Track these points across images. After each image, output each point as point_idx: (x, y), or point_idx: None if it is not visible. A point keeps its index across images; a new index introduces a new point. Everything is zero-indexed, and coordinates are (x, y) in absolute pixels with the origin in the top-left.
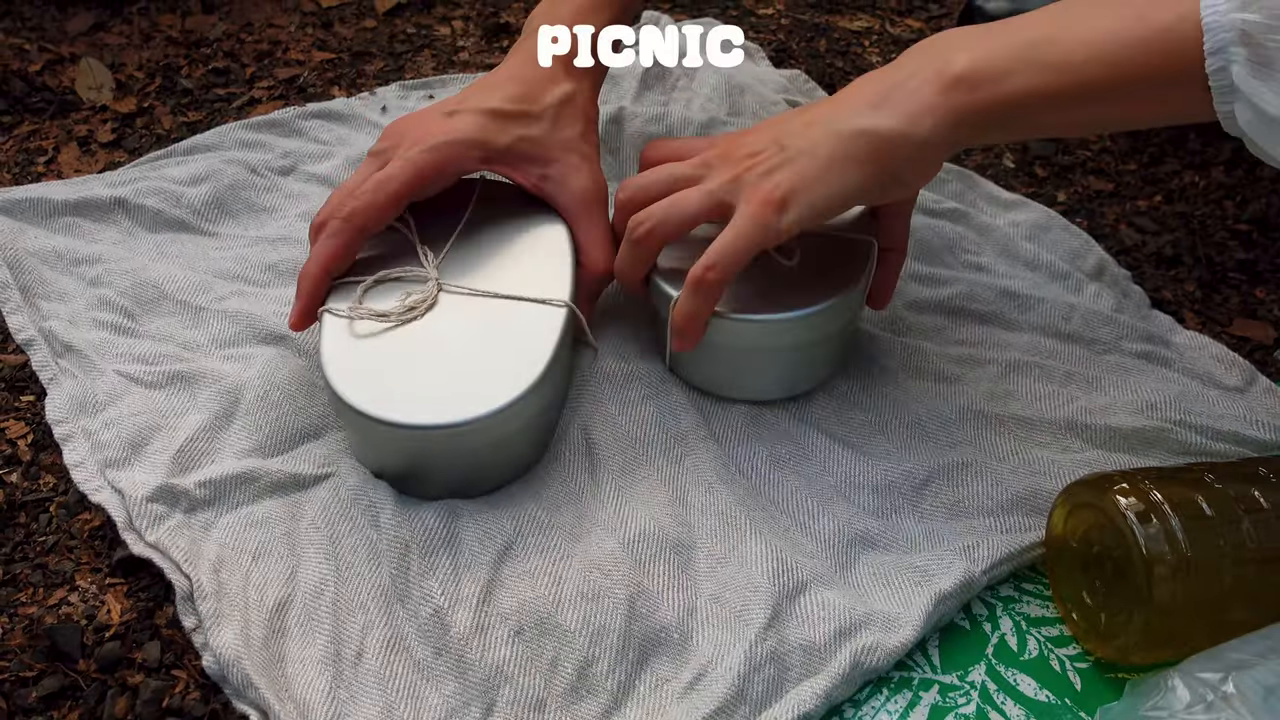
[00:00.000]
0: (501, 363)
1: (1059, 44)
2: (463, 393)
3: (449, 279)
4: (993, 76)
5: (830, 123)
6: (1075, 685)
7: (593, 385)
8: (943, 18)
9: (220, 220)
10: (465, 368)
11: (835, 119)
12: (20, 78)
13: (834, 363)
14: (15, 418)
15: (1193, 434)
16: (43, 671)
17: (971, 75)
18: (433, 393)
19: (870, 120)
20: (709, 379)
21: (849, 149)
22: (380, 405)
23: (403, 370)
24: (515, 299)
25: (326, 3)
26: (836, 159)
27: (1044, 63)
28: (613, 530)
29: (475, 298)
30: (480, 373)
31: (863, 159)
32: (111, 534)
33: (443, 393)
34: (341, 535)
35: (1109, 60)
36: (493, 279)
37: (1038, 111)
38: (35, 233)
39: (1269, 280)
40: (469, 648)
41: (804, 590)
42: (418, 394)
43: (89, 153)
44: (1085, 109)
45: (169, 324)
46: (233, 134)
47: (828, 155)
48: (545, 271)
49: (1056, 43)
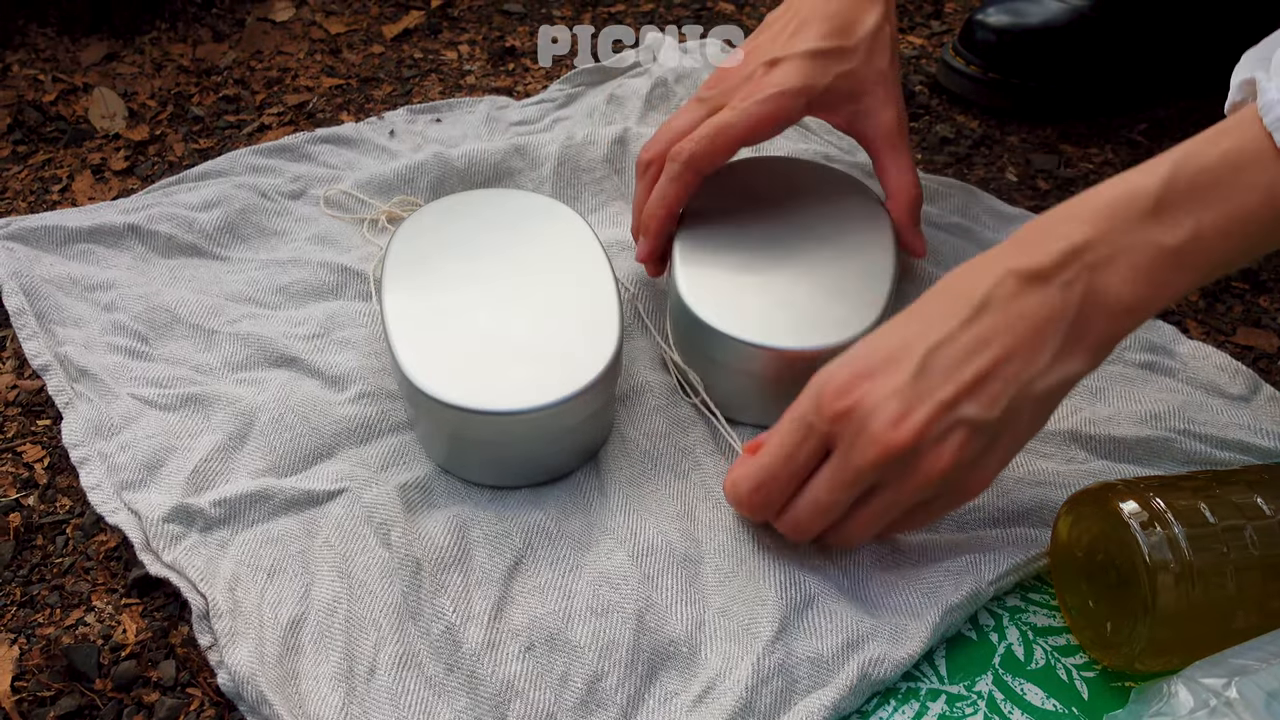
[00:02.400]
0: (571, 348)
1: (1206, 246)
2: (539, 379)
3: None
4: (1157, 299)
5: (1020, 383)
6: (1082, 694)
7: None
8: (944, 34)
9: (232, 244)
10: (535, 355)
11: (1024, 378)
12: (35, 108)
13: None
14: (32, 441)
15: (1197, 443)
16: (60, 691)
17: (1138, 307)
18: (511, 380)
19: (1065, 371)
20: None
21: (1049, 404)
22: (467, 395)
23: (476, 360)
24: None
25: (335, 29)
26: (1038, 420)
27: (1198, 268)
28: (621, 542)
29: (526, 296)
30: (552, 358)
31: (1055, 403)
32: (127, 554)
33: (521, 380)
34: (354, 553)
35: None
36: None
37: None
38: (50, 259)
39: (1272, 289)
40: (480, 664)
41: (811, 603)
42: (497, 382)
43: (102, 180)
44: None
45: (182, 347)
46: (243, 159)
47: (1029, 420)
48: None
49: (1203, 248)
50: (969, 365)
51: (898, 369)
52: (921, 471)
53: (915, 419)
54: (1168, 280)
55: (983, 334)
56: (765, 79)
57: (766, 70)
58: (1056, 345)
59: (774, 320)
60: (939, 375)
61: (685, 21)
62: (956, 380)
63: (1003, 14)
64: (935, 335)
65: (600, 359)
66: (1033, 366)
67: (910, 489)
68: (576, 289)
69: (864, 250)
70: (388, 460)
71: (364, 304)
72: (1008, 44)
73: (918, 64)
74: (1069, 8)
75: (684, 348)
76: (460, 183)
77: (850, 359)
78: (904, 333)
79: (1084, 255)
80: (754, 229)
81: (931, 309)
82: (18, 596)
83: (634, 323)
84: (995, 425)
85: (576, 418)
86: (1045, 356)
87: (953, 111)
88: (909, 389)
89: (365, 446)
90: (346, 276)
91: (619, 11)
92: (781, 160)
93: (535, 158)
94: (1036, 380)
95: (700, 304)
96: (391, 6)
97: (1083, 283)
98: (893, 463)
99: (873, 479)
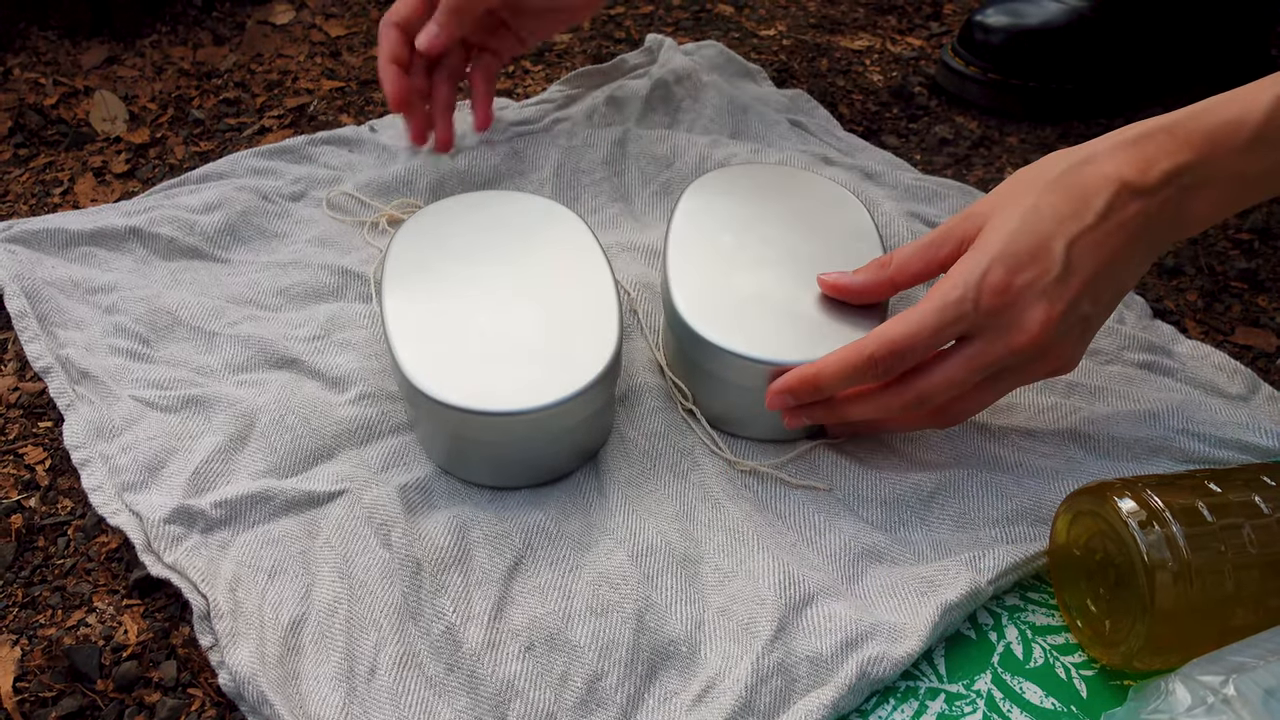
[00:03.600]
0: (571, 349)
1: None
2: (539, 380)
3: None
4: (1221, 217)
5: (1118, 283)
6: (1081, 692)
7: None
8: (944, 35)
9: (233, 246)
10: (535, 356)
11: (1121, 278)
12: (36, 111)
13: None
14: (34, 443)
15: (1196, 442)
16: (62, 692)
17: (1204, 225)
18: (511, 381)
19: (1139, 273)
20: (723, 416)
21: None
22: (467, 396)
23: (476, 361)
24: None
25: (335, 32)
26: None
27: None
28: (621, 542)
29: (526, 297)
30: (552, 359)
31: None
32: (128, 556)
33: (520, 380)
34: (355, 554)
35: None
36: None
37: None
38: (52, 262)
39: (1271, 289)
40: (480, 663)
41: (810, 602)
42: (497, 383)
43: (104, 183)
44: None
45: (183, 349)
46: (244, 162)
47: (1110, 314)
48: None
49: None
50: (1088, 266)
51: (1044, 268)
52: (1049, 361)
53: (1054, 315)
54: (1236, 203)
55: (1099, 239)
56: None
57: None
58: (1143, 251)
59: (772, 334)
60: (1073, 275)
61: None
62: (1080, 279)
63: (1002, 15)
64: (1066, 235)
65: (599, 360)
66: (1126, 270)
67: (1032, 373)
68: (576, 290)
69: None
70: (388, 461)
71: (364, 306)
72: (1007, 45)
73: (917, 65)
74: (1068, 8)
75: (680, 359)
76: (460, 184)
77: (1001, 255)
78: (1037, 228)
79: (1182, 177)
80: (746, 240)
81: (1056, 206)
82: (19, 597)
83: (633, 324)
84: (1099, 318)
85: (576, 418)
86: (1135, 261)
87: (952, 112)
88: (1054, 289)
89: (366, 447)
90: (347, 278)
91: (618, 14)
92: (773, 169)
93: (535, 159)
94: (1127, 281)
95: (698, 319)
96: None
97: (1174, 203)
98: (1031, 353)
99: (1006, 364)
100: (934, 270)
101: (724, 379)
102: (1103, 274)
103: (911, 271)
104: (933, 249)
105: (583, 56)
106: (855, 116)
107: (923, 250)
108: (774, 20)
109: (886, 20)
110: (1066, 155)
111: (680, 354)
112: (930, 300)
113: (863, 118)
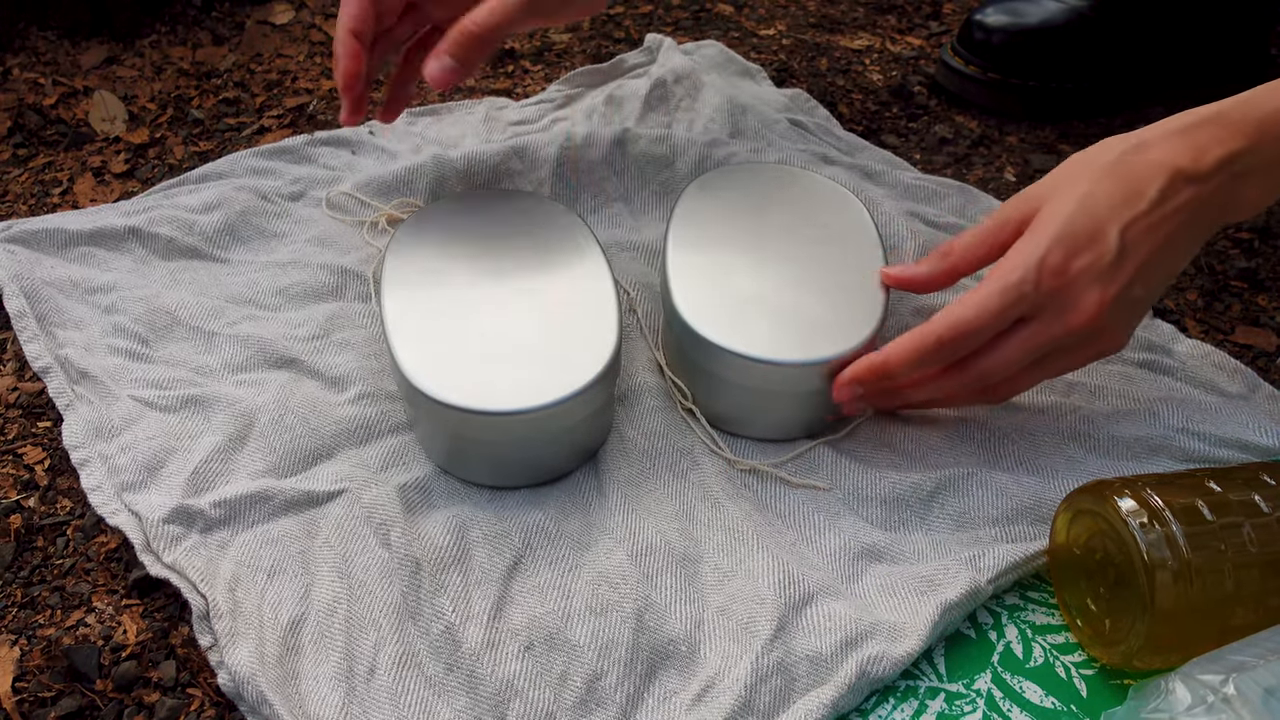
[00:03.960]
0: (570, 349)
1: None
2: (538, 379)
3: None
4: (1267, 203)
5: (1168, 268)
6: (1081, 692)
7: None
8: (943, 34)
9: (232, 246)
10: (534, 355)
11: (1172, 262)
12: (35, 111)
13: None
14: (33, 443)
15: (1196, 441)
16: (61, 692)
17: (1253, 210)
18: (510, 380)
19: (1190, 257)
20: (723, 416)
21: None
22: (466, 396)
23: (475, 360)
24: None
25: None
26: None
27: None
28: (620, 541)
29: (525, 297)
30: (551, 358)
31: None
32: (127, 556)
33: (520, 380)
34: (354, 554)
35: None
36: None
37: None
38: (51, 262)
39: (1270, 288)
40: (480, 663)
41: (810, 602)
42: (496, 382)
43: (103, 183)
44: None
45: (182, 349)
46: (243, 162)
47: (1159, 296)
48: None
49: None
50: (1141, 251)
51: (1100, 252)
52: (1100, 342)
53: (1108, 298)
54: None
55: (1152, 224)
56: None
57: None
58: (1194, 237)
59: (772, 334)
60: (1127, 259)
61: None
62: (1134, 263)
63: (1001, 14)
64: (1120, 221)
65: (599, 360)
66: (1176, 254)
67: (1083, 354)
68: (575, 289)
69: (857, 262)
70: (387, 461)
71: (364, 305)
72: (1006, 44)
73: (917, 64)
74: (1067, 8)
75: (680, 359)
76: (459, 184)
77: (1059, 239)
78: (1094, 213)
79: (1234, 164)
80: (746, 240)
81: (1110, 192)
82: (18, 598)
83: (633, 324)
84: (1148, 301)
85: (575, 418)
86: (1186, 246)
87: (951, 112)
88: (1108, 273)
89: (365, 447)
90: (346, 278)
91: (618, 14)
92: (772, 169)
93: (534, 159)
94: (1177, 264)
95: (698, 319)
96: None
97: (1225, 190)
98: (1085, 334)
99: (1061, 344)
100: (995, 254)
101: (723, 378)
102: (1155, 258)
103: (975, 257)
104: (994, 233)
105: (582, 56)
106: (855, 116)
107: (985, 235)
108: (773, 20)
109: (886, 20)
110: (1120, 141)
111: (680, 354)
112: (991, 282)
113: (862, 117)
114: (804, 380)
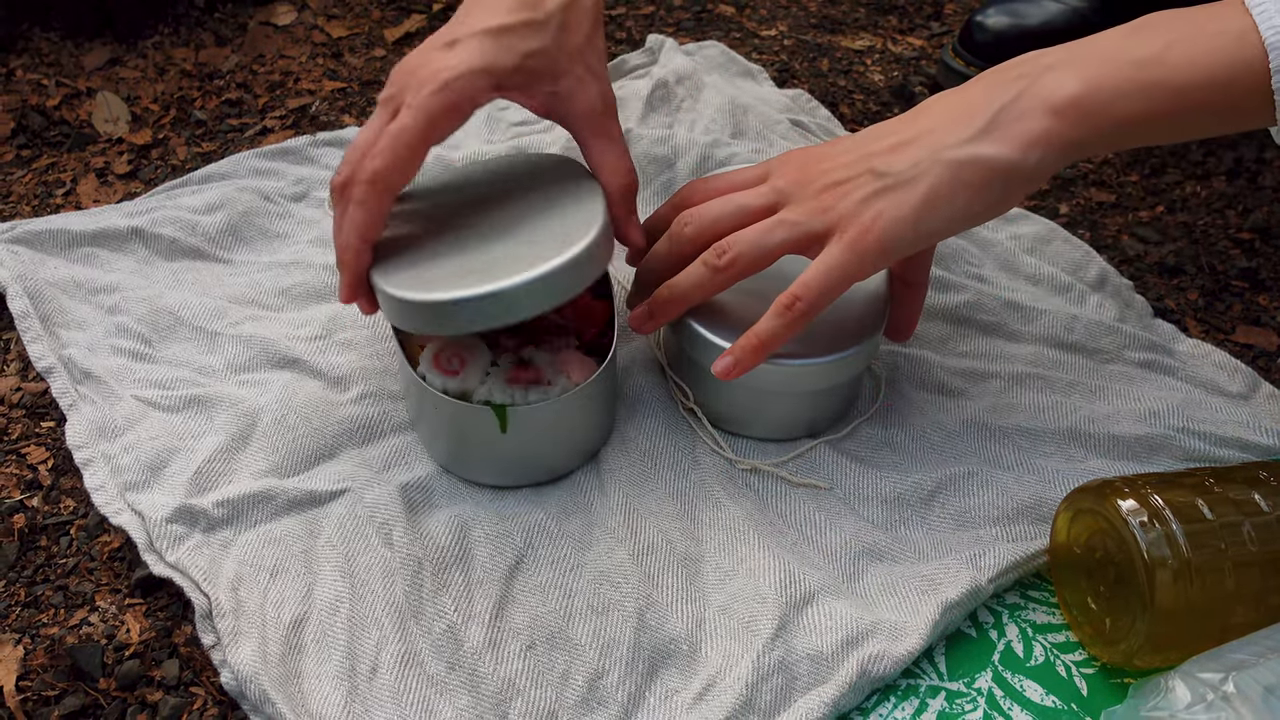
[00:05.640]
0: (547, 249)
1: (1168, 64)
2: (508, 268)
3: None
4: (1104, 101)
5: (932, 148)
6: (1081, 690)
7: None
8: (944, 35)
9: (234, 247)
10: (509, 257)
11: (937, 144)
12: (39, 112)
13: (847, 404)
14: (36, 443)
15: (1196, 441)
16: (64, 690)
17: (1082, 101)
18: (477, 275)
19: (979, 149)
20: (724, 415)
21: (958, 176)
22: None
23: (449, 271)
24: None
25: (337, 33)
26: (943, 186)
27: (1154, 84)
28: (622, 540)
29: (509, 220)
30: (525, 255)
31: (974, 187)
32: (130, 555)
33: (492, 271)
34: (356, 553)
35: (1220, 82)
36: None
37: (1145, 133)
38: (55, 263)
39: (1271, 288)
40: (482, 662)
41: (811, 601)
42: (463, 280)
43: (106, 184)
44: (1188, 128)
45: (185, 349)
46: (246, 162)
47: (933, 183)
48: None
49: (1165, 63)
50: (899, 135)
51: (836, 147)
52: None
53: (838, 165)
54: (1118, 89)
55: (922, 111)
56: (441, 63)
57: (444, 53)
58: (981, 124)
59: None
60: (875, 142)
61: (685, 24)
62: (884, 144)
63: (1002, 15)
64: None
65: (570, 247)
66: (949, 137)
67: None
68: (565, 212)
69: None
70: (389, 460)
71: None
72: (1007, 45)
73: (918, 65)
74: (1068, 8)
75: (680, 359)
76: None
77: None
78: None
79: (1046, 58)
80: None
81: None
82: (22, 597)
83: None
84: (897, 176)
85: (552, 300)
86: (966, 132)
87: None
88: (830, 146)
89: (367, 447)
90: None
91: (619, 14)
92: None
93: None
94: (948, 149)
95: (697, 319)
96: (393, 10)
97: (1030, 78)
98: (792, 180)
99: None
100: None
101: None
102: (917, 139)
103: None
104: None
105: None
106: (856, 116)
107: None
108: (775, 20)
109: (887, 20)
110: None
111: (681, 353)
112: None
113: (864, 117)
114: (805, 380)
